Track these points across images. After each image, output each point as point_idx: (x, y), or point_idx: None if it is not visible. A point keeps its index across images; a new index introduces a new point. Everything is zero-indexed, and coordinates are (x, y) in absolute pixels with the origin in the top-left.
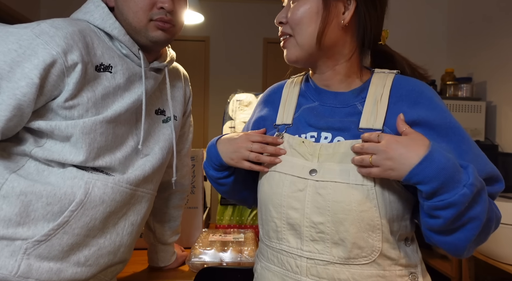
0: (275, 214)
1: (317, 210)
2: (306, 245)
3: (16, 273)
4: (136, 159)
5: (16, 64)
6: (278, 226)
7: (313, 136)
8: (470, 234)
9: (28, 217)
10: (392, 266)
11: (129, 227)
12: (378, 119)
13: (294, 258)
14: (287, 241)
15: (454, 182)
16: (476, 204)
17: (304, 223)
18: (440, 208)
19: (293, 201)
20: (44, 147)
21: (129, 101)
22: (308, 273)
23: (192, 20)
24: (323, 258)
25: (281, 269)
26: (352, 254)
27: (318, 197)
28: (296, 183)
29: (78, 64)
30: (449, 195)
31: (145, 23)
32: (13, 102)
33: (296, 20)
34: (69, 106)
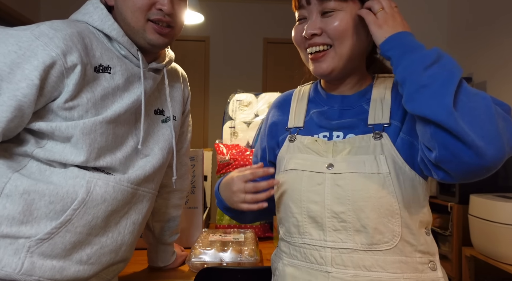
0: (295, 210)
1: (337, 200)
2: (329, 236)
3: (19, 270)
4: (136, 159)
5: (16, 65)
6: (299, 220)
7: (326, 136)
8: (447, 89)
9: (31, 216)
10: (413, 252)
11: (131, 226)
12: (384, 114)
13: (317, 250)
14: (310, 234)
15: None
16: (445, 62)
17: (325, 214)
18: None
19: (313, 194)
20: (45, 148)
21: (129, 101)
22: (333, 262)
23: (192, 20)
24: (346, 246)
25: (305, 262)
26: (374, 239)
27: (337, 188)
28: (314, 178)
29: (77, 65)
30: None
31: (143, 23)
32: (13, 103)
33: (338, 30)
34: (69, 107)
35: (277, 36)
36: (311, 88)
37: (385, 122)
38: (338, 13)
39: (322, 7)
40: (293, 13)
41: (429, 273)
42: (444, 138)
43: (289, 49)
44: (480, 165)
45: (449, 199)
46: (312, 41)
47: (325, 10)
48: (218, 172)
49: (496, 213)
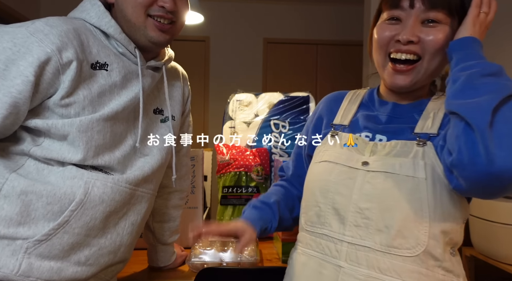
0: (321, 199)
1: (365, 197)
2: (348, 230)
3: (17, 272)
4: (135, 158)
5: (11, 62)
6: (322, 210)
7: (368, 136)
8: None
9: (28, 217)
10: (436, 268)
11: (129, 226)
12: (434, 125)
13: (334, 243)
14: (330, 225)
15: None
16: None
17: (349, 208)
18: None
19: (341, 187)
20: (42, 146)
21: (126, 99)
22: (347, 258)
23: (192, 20)
24: (364, 244)
25: (319, 253)
26: (395, 242)
27: (367, 185)
28: (346, 172)
29: (73, 61)
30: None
31: (143, 19)
32: (8, 100)
33: (438, 44)
34: (65, 104)
35: (277, 36)
36: (366, 93)
37: (432, 132)
38: (442, 26)
39: (427, 15)
40: (293, 13)
41: None
42: (466, 141)
43: (289, 49)
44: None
45: None
46: (406, 48)
47: (429, 19)
48: (218, 172)
49: (496, 213)
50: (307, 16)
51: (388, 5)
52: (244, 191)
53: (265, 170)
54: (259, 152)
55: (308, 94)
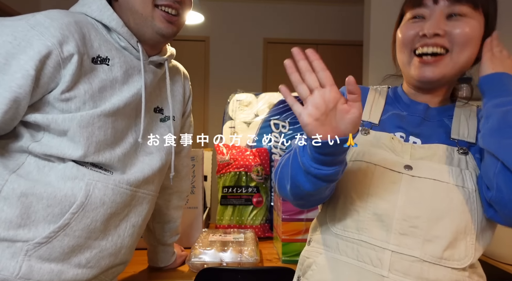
0: (359, 203)
1: (413, 204)
2: (394, 238)
3: (17, 274)
4: (135, 156)
5: (12, 56)
6: (361, 215)
7: (402, 136)
8: None
9: (29, 219)
10: (472, 274)
11: (130, 228)
12: (470, 133)
13: (375, 251)
14: (370, 232)
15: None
16: None
17: (395, 215)
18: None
19: (383, 191)
20: (41, 142)
21: (128, 95)
22: (391, 267)
23: (192, 20)
24: (413, 253)
25: (357, 261)
26: (445, 254)
27: (414, 191)
28: (388, 175)
29: (74, 55)
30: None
31: (151, 8)
32: (9, 95)
33: (466, 37)
34: (65, 98)
35: (277, 36)
36: (389, 91)
37: (471, 141)
38: (468, 19)
39: (452, 9)
40: (293, 13)
41: None
42: (506, 181)
43: (289, 49)
44: None
45: None
46: (432, 41)
47: (454, 13)
48: (218, 172)
49: None
50: (307, 16)
51: (411, 5)
52: (244, 191)
53: (265, 170)
54: (259, 152)
55: None
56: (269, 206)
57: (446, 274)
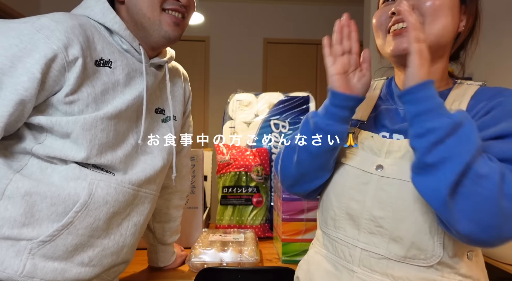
0: (335, 203)
1: (379, 205)
2: (363, 236)
3: (21, 272)
4: (137, 157)
5: (18, 59)
6: (336, 214)
7: (385, 136)
8: (447, 177)
9: (33, 218)
10: (452, 274)
11: (132, 227)
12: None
13: (348, 247)
14: (344, 230)
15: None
16: (455, 141)
17: (363, 215)
18: (419, 135)
19: (355, 192)
20: (44, 144)
21: (130, 97)
22: (360, 263)
23: (192, 20)
24: (378, 251)
25: (334, 255)
26: (409, 253)
27: (381, 192)
28: (361, 177)
29: (78, 58)
30: (430, 121)
31: (159, 12)
32: (15, 97)
33: (434, 5)
34: (69, 101)
35: (277, 36)
36: (384, 84)
37: None
38: None
39: None
40: (293, 13)
41: None
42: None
43: (289, 49)
44: (473, 243)
45: None
46: (401, 17)
47: None
48: (218, 172)
49: None
50: (307, 16)
51: None
52: (244, 191)
53: (265, 170)
54: (259, 152)
55: (308, 94)
56: (269, 206)
57: (411, 271)
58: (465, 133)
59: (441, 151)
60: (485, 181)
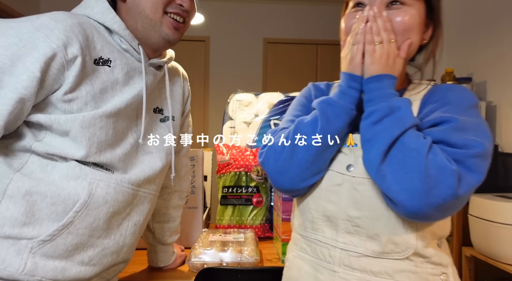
0: (312, 206)
1: (354, 205)
2: (341, 237)
3: (22, 271)
4: (136, 157)
5: (17, 58)
6: (314, 216)
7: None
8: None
9: (33, 217)
10: (424, 263)
11: (132, 227)
12: None
13: (328, 248)
14: (322, 232)
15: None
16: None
17: (340, 216)
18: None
19: (331, 194)
20: (43, 141)
21: (129, 96)
22: (340, 263)
23: (192, 20)
24: (357, 250)
25: (314, 258)
26: (386, 249)
27: (355, 192)
28: (334, 178)
29: (77, 57)
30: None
31: (161, 14)
32: (14, 96)
33: (406, 25)
34: (68, 99)
35: (277, 36)
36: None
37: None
38: (407, 8)
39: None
40: (293, 13)
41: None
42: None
43: (289, 49)
44: (407, 215)
45: None
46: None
47: (394, 1)
48: (218, 172)
49: (496, 213)
50: (307, 16)
51: None
52: (244, 191)
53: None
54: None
55: None
56: (269, 206)
57: (388, 265)
58: (400, 115)
59: (376, 128)
60: (414, 152)
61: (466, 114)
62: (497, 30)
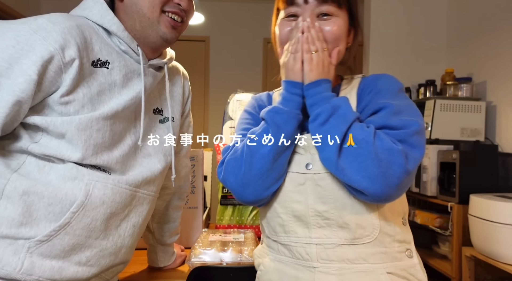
0: (280, 210)
1: (320, 200)
2: (314, 232)
3: (20, 270)
4: (134, 158)
5: (14, 60)
6: (284, 220)
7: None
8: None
9: (30, 217)
10: (392, 242)
11: (131, 228)
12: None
13: (303, 247)
14: (295, 232)
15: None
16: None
17: (309, 213)
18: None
19: (296, 194)
20: (40, 143)
21: (127, 98)
22: (318, 258)
23: (192, 20)
24: (331, 241)
25: (292, 258)
26: (357, 234)
27: (318, 188)
28: (296, 178)
29: (75, 60)
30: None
31: (158, 13)
32: (11, 99)
33: (336, 35)
34: (64, 102)
35: None
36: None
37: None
38: (335, 18)
39: (320, 9)
40: None
41: (406, 260)
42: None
43: None
44: (374, 200)
45: (449, 199)
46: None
47: (322, 12)
48: None
49: (496, 213)
50: None
51: (284, 3)
52: None
53: None
54: None
55: None
56: None
57: (362, 250)
58: (342, 112)
59: (325, 128)
60: (363, 142)
61: (397, 98)
62: (497, 30)
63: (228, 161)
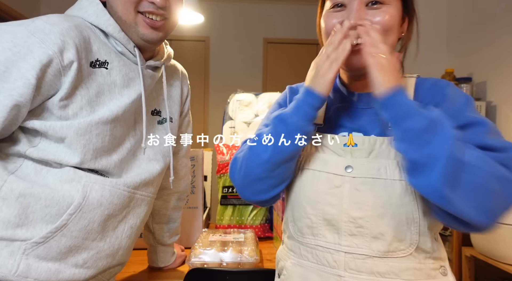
0: (310, 211)
1: (356, 205)
2: (344, 240)
3: (15, 272)
4: (132, 161)
5: (12, 64)
6: (313, 222)
7: (344, 135)
8: (437, 173)
9: (27, 219)
10: (427, 259)
11: (128, 230)
12: None
13: (331, 253)
14: (324, 237)
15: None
16: (434, 138)
17: (342, 218)
18: (402, 138)
19: (330, 197)
20: (38, 147)
21: (127, 100)
22: (346, 267)
23: (192, 20)
24: (362, 252)
25: (317, 264)
26: (391, 247)
27: (356, 192)
28: (332, 180)
29: (74, 62)
30: (409, 123)
31: (133, 15)
32: (9, 103)
33: (387, 25)
34: (63, 105)
35: (277, 36)
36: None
37: None
38: (387, 7)
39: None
40: (293, 13)
41: (440, 278)
42: (444, 213)
43: (289, 49)
44: (476, 231)
45: None
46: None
47: (373, 1)
48: (218, 172)
49: None
50: (307, 16)
51: None
52: None
53: None
54: None
55: None
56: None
57: (394, 264)
58: (443, 129)
59: (425, 150)
60: (474, 168)
61: (476, 112)
62: (497, 30)
63: (234, 158)
